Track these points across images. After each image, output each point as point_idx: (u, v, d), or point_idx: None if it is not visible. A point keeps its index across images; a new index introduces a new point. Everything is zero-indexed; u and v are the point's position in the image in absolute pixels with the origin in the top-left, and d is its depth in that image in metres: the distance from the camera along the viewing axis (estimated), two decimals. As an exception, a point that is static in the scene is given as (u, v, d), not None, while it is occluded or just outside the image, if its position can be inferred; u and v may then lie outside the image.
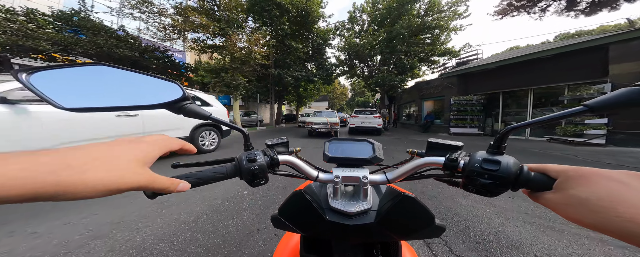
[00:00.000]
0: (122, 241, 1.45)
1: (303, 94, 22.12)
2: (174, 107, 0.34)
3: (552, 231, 1.67)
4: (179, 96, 0.34)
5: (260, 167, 0.36)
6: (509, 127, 0.30)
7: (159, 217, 1.80)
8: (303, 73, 15.71)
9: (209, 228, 1.65)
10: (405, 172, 0.37)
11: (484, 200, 2.19)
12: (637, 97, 0.23)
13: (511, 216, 1.93)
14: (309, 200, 0.37)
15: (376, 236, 0.37)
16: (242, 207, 2.05)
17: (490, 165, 0.30)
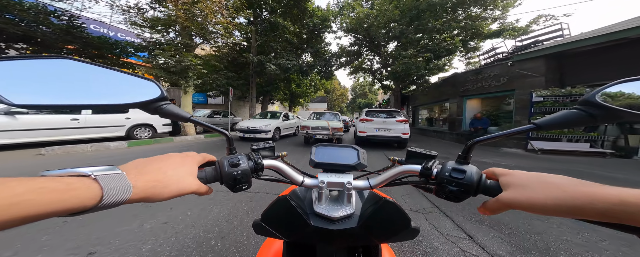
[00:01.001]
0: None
1: (297, 91, 17.97)
2: (150, 107, 0.33)
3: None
4: (156, 96, 0.33)
5: (243, 172, 0.36)
6: (475, 140, 0.34)
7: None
8: (294, 62, 11.56)
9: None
10: (387, 178, 0.40)
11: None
12: (573, 118, 0.29)
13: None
14: (294, 205, 0.37)
15: (358, 240, 0.38)
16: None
17: (457, 173, 0.34)
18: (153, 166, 0.29)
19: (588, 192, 0.24)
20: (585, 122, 0.28)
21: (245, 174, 0.36)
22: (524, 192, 0.28)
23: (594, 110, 0.28)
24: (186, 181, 0.31)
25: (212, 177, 0.35)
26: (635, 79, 0.28)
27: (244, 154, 0.39)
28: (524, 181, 0.29)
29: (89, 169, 0.24)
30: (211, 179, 0.35)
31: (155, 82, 0.34)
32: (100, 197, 0.22)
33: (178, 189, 0.30)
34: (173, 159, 0.32)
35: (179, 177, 0.30)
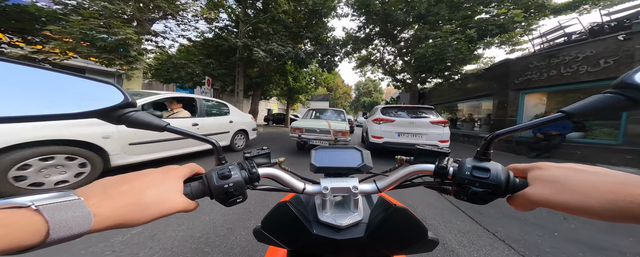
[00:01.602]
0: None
1: (295, 86, 15.72)
2: (113, 115, 0.28)
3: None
4: (118, 102, 0.28)
5: (235, 184, 0.32)
6: (496, 133, 0.31)
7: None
8: (289, 48, 9.30)
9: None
10: (396, 180, 0.37)
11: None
12: (609, 103, 0.25)
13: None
14: (295, 213, 0.35)
15: (366, 251, 0.34)
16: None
17: (480, 172, 0.30)
18: (126, 185, 0.25)
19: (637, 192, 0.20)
20: (624, 107, 0.24)
21: (238, 186, 0.32)
22: (559, 191, 0.24)
23: (635, 93, 0.24)
24: (171, 199, 0.27)
25: (200, 192, 0.32)
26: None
27: (236, 164, 0.35)
28: (557, 176, 0.25)
29: (28, 198, 0.20)
30: (198, 194, 0.31)
31: (116, 86, 0.29)
32: (46, 232, 0.18)
33: (161, 210, 0.26)
34: (152, 175, 0.28)
35: (161, 195, 0.27)
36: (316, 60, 12.56)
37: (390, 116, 4.80)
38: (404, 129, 4.55)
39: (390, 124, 4.64)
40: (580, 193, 0.22)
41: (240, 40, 9.02)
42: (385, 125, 4.64)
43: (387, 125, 4.63)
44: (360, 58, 13.65)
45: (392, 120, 4.64)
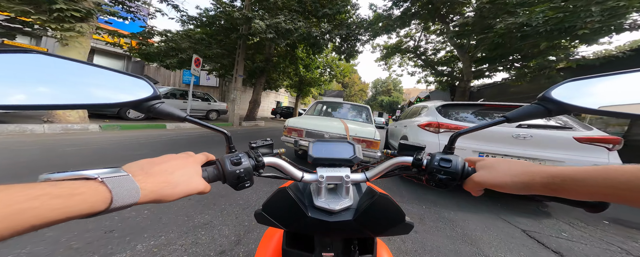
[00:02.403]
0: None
1: (305, 76, 13.66)
2: (142, 106, 0.32)
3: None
4: (148, 95, 0.32)
5: (245, 170, 0.36)
6: (457, 132, 0.39)
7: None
8: (300, 24, 7.22)
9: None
10: (381, 170, 0.43)
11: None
12: (534, 111, 0.34)
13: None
14: (293, 197, 0.39)
15: (354, 233, 0.39)
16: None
17: (445, 163, 0.37)
18: (158, 167, 0.29)
19: (533, 170, 0.29)
20: (543, 114, 0.33)
21: (247, 172, 0.36)
22: (489, 173, 0.33)
23: (549, 105, 0.32)
24: (193, 180, 0.31)
25: (214, 176, 0.35)
26: (578, 79, 0.33)
27: (244, 152, 0.39)
28: (490, 164, 0.35)
29: (94, 171, 0.23)
30: (213, 178, 0.35)
31: (147, 81, 0.33)
32: (110, 201, 0.22)
33: (187, 189, 0.30)
34: (177, 160, 0.32)
35: (187, 177, 0.31)
36: (333, 46, 10.38)
37: (459, 121, 2.62)
38: (499, 148, 2.37)
39: (463, 137, 2.45)
40: (502, 174, 0.32)
41: (240, 12, 7.11)
42: (467, 141, 2.49)
43: (468, 141, 2.48)
44: (387, 47, 11.21)
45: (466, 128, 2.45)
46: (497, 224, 2.06)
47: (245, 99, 13.36)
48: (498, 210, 2.43)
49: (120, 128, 4.85)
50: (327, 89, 20.52)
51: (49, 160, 2.68)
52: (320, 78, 15.21)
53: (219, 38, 8.99)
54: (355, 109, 4.20)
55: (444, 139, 2.60)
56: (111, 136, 4.20)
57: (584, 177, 0.24)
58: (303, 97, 16.92)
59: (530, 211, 2.44)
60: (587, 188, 0.24)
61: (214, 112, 9.64)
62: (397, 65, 12.59)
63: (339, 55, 10.11)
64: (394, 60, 12.42)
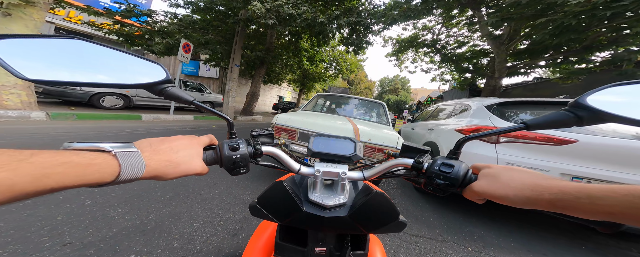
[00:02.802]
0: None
1: (309, 69, 12.71)
2: (155, 89, 0.33)
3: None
4: (161, 78, 0.33)
5: (242, 156, 0.36)
6: (465, 136, 0.37)
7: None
8: (305, 8, 6.27)
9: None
10: (380, 170, 0.41)
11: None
12: (562, 119, 0.30)
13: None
14: (289, 191, 0.38)
15: (347, 228, 0.39)
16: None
17: (446, 168, 0.34)
18: (165, 145, 0.30)
19: (541, 184, 0.26)
20: (572, 123, 0.30)
21: (244, 159, 0.36)
22: (492, 183, 0.30)
23: (582, 112, 0.29)
24: (194, 161, 0.32)
25: (212, 159, 0.36)
26: (623, 83, 0.28)
27: (244, 139, 0.39)
28: (495, 173, 0.31)
29: (109, 145, 0.24)
30: (211, 162, 0.36)
31: (161, 65, 0.34)
32: (118, 174, 0.23)
33: (187, 169, 0.31)
34: (183, 140, 0.33)
35: (189, 157, 0.31)
36: (341, 37, 9.37)
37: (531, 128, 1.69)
38: (612, 172, 1.45)
39: (544, 151, 1.53)
40: (503, 185, 0.29)
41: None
42: (517, 152, 1.64)
43: (527, 151, 1.58)
44: (401, 40, 10.14)
45: (558, 139, 1.52)
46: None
47: (244, 91, 12.54)
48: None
49: (76, 117, 4.03)
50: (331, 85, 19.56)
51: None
52: (325, 73, 14.24)
53: (214, 23, 8.12)
54: (367, 105, 3.28)
55: (508, 152, 1.69)
56: (60, 127, 3.37)
57: (604, 195, 0.22)
58: (306, 92, 16.00)
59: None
60: (606, 207, 0.22)
61: (208, 103, 8.83)
62: (410, 61, 11.51)
63: (347, 47, 9.10)
64: (406, 56, 11.35)
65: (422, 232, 1.73)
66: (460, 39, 8.81)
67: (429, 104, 18.14)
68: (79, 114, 4.12)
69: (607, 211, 0.21)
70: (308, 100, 3.43)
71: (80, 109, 4.72)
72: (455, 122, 2.43)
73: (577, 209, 0.23)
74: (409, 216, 2.00)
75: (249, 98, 9.44)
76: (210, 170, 0.36)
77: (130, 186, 1.78)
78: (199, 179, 2.16)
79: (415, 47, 9.81)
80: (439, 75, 10.15)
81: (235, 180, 2.25)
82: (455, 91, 11.20)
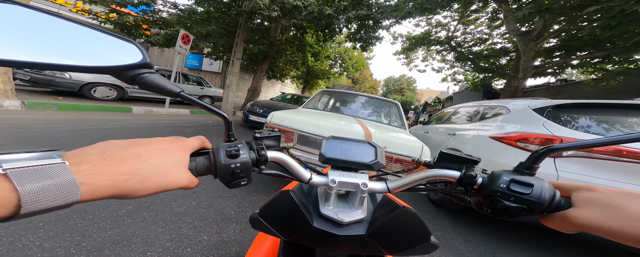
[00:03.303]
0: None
1: (314, 66, 12.29)
2: (127, 74, 0.26)
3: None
4: (136, 61, 0.26)
5: (243, 165, 0.29)
6: (552, 146, 0.27)
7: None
8: (310, 0, 5.86)
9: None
10: (410, 182, 0.34)
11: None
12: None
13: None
14: (297, 204, 0.33)
15: (365, 249, 0.34)
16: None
17: (521, 187, 0.27)
18: (130, 151, 0.22)
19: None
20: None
21: (245, 168, 0.30)
22: (607, 214, 0.22)
23: None
24: (175, 173, 0.24)
25: (204, 168, 0.29)
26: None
27: (245, 143, 0.32)
28: (609, 199, 0.23)
29: (2, 156, 0.17)
30: (202, 171, 0.29)
31: (136, 44, 0.27)
32: (17, 204, 0.15)
33: (162, 184, 0.23)
34: (158, 144, 0.25)
35: (166, 167, 0.24)
36: (348, 33, 8.90)
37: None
38: None
39: (627, 171, 1.08)
40: (629, 218, 0.21)
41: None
42: (584, 169, 1.22)
43: (601, 170, 1.18)
44: (411, 37, 9.61)
45: (576, 141, 1.07)
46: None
47: (246, 87, 12.21)
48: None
49: (57, 108, 3.69)
50: (336, 83, 19.06)
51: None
52: (330, 70, 13.77)
53: (217, 15, 7.76)
54: (378, 105, 2.85)
55: (571, 169, 1.26)
56: (32, 118, 3.04)
57: None
58: (309, 89, 15.58)
59: None
60: None
61: (207, 98, 8.51)
62: (420, 60, 10.97)
63: (354, 43, 8.60)
64: (416, 54, 10.81)
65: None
66: (478, 36, 8.23)
67: (436, 106, 17.48)
68: (61, 104, 3.78)
69: None
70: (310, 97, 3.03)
71: (70, 100, 4.41)
72: (487, 128, 2.00)
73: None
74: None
75: (250, 93, 9.10)
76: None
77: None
78: (174, 185, 1.79)
79: (427, 45, 9.27)
80: (451, 75, 9.60)
81: (218, 189, 1.87)
82: (467, 93, 10.63)
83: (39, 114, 3.24)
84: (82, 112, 3.92)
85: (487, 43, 8.02)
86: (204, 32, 7.17)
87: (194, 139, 0.30)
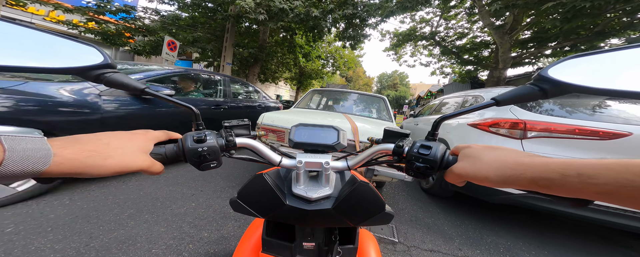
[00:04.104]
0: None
1: (306, 67, 12.38)
2: (90, 74, 0.28)
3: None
4: (98, 62, 0.29)
5: (210, 149, 0.32)
6: (441, 116, 0.34)
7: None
8: (295, 2, 5.94)
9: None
10: (363, 158, 0.39)
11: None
12: (528, 93, 0.30)
13: None
14: (270, 184, 0.36)
15: (333, 222, 0.37)
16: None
17: (424, 150, 0.33)
18: (93, 137, 0.26)
19: (523, 162, 0.24)
20: (538, 96, 0.29)
21: (212, 151, 0.33)
22: (473, 164, 0.28)
23: (546, 84, 0.29)
24: (134, 155, 0.27)
25: (173, 154, 0.32)
26: (583, 54, 0.28)
27: (213, 131, 0.35)
28: (476, 153, 0.29)
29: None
30: (172, 156, 0.32)
31: (97, 48, 0.30)
32: (1, 160, 0.18)
33: (123, 164, 0.26)
34: (121, 133, 0.29)
35: (125, 150, 0.27)
36: (337, 32, 9.02)
37: (554, 115, 1.39)
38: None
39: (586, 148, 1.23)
40: (485, 165, 0.27)
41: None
42: (552, 149, 1.36)
43: (565, 149, 1.34)
44: (398, 34, 9.81)
45: (606, 132, 1.22)
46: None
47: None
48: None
49: None
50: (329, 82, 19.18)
51: None
52: (322, 69, 13.88)
53: (202, 20, 7.75)
54: (366, 100, 2.97)
55: (541, 150, 1.40)
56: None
57: (596, 172, 0.19)
58: (303, 90, 15.66)
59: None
60: (598, 187, 0.19)
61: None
62: (408, 55, 11.19)
63: (343, 41, 8.73)
64: (404, 50, 11.02)
65: (438, 246, 1.45)
66: (459, 30, 8.49)
67: (429, 99, 17.81)
68: None
69: (599, 190, 0.19)
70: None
71: None
72: (467, 116, 2.14)
73: (563, 188, 0.21)
74: (420, 224, 1.71)
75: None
76: (187, 179, 0.28)
77: (79, 203, 1.47)
78: (173, 190, 1.86)
79: (413, 41, 9.49)
80: (439, 68, 9.85)
81: (217, 190, 1.96)
82: (457, 84, 10.90)
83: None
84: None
85: (468, 37, 8.32)
86: (190, 38, 7.16)
87: (159, 132, 0.33)
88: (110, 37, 6.12)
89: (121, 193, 1.69)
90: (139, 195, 1.70)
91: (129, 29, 6.23)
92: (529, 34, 5.93)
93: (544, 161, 0.23)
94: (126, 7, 6.10)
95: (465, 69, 8.23)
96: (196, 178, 2.12)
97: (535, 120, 1.43)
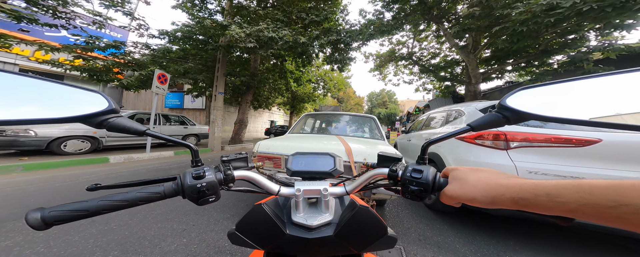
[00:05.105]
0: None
1: (297, 91, 12.77)
2: (94, 121, 0.29)
3: None
4: (102, 108, 0.29)
5: (209, 184, 0.33)
6: (428, 141, 0.36)
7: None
8: (285, 32, 6.41)
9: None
10: (361, 183, 0.40)
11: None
12: (495, 120, 0.32)
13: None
14: (269, 214, 0.36)
15: (336, 249, 0.36)
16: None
17: (416, 173, 0.34)
18: None
19: (501, 183, 0.26)
20: (503, 123, 0.32)
21: (211, 186, 0.33)
22: (461, 186, 0.29)
23: (507, 112, 0.31)
24: None
25: (172, 191, 0.33)
26: (537, 85, 0.31)
27: (212, 167, 0.36)
28: (462, 175, 0.30)
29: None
30: (171, 193, 0.33)
31: (101, 94, 0.30)
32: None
33: None
34: None
35: None
36: (325, 56, 9.60)
37: (537, 127, 1.49)
38: None
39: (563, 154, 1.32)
40: (471, 187, 0.28)
41: (212, 20, 6.26)
42: (534, 157, 1.44)
43: (545, 156, 1.42)
44: (380, 56, 10.54)
45: (578, 140, 1.33)
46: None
47: (233, 120, 12.23)
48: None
49: (23, 169, 3.41)
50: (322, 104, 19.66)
51: None
52: (314, 93, 14.34)
53: (193, 52, 8.07)
54: (358, 121, 3.06)
55: (525, 159, 1.46)
56: (3, 183, 2.87)
57: (558, 192, 0.21)
58: (297, 114, 15.90)
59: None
60: (563, 205, 0.21)
61: (193, 136, 8.36)
62: (392, 75, 11.86)
63: (331, 64, 9.26)
64: (388, 70, 11.71)
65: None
66: (432, 50, 9.29)
67: (417, 114, 18.43)
68: (28, 165, 3.51)
69: (567, 209, 0.20)
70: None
71: (38, 158, 4.15)
72: (453, 130, 2.23)
73: (538, 206, 0.22)
74: (430, 243, 1.64)
75: (237, 126, 9.11)
76: (177, 214, 0.26)
77: (55, 250, 1.34)
78: (162, 226, 1.75)
79: (394, 61, 10.18)
80: (421, 85, 10.44)
81: (211, 222, 1.85)
82: (440, 99, 11.46)
83: (3, 179, 2.98)
84: (52, 169, 3.65)
85: (440, 56, 9.10)
86: (181, 70, 7.34)
87: None
88: (98, 73, 6.02)
89: (103, 235, 1.57)
90: (123, 235, 1.58)
91: (118, 64, 6.15)
92: (490, 53, 6.61)
93: (518, 182, 0.24)
94: (116, 42, 6.12)
95: (444, 84, 8.82)
96: (188, 212, 2.02)
97: (515, 131, 1.52)
